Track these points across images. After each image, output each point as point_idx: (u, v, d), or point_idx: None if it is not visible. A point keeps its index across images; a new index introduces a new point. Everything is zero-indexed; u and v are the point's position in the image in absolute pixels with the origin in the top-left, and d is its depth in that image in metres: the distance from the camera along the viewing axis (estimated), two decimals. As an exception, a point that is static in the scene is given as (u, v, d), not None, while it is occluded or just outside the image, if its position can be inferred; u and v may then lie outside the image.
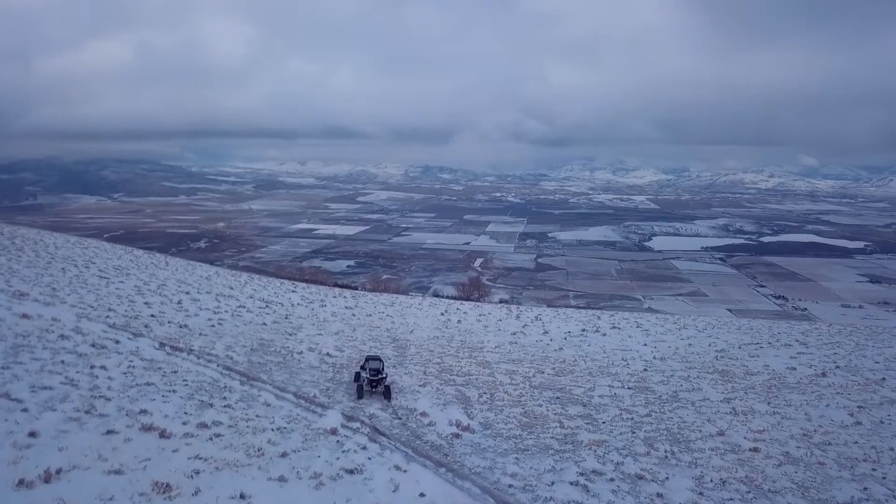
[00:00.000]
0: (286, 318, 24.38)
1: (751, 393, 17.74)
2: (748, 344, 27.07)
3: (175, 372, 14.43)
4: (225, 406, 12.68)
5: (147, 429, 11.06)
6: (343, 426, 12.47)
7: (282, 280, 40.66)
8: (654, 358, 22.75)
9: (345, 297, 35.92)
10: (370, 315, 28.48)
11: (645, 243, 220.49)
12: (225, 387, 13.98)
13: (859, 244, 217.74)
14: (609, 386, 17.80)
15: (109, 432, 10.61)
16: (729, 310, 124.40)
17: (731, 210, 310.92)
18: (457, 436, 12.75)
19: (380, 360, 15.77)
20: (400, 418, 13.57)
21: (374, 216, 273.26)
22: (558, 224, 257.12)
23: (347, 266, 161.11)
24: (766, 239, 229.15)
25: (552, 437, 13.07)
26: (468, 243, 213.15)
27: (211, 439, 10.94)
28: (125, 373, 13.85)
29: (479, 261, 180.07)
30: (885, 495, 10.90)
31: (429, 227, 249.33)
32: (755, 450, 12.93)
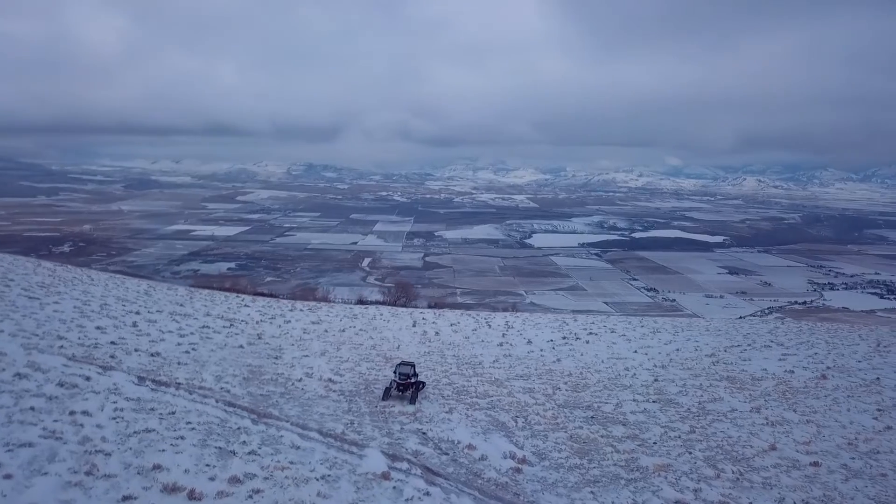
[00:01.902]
0: (259, 338, 22.54)
1: (770, 401, 18.07)
2: (731, 346, 27.94)
3: (172, 413, 12.70)
4: (249, 453, 11.23)
5: (170, 490, 9.60)
6: (391, 468, 11.37)
7: (226, 294, 38.06)
8: (655, 366, 22.89)
9: (301, 310, 34.02)
10: (343, 330, 27.00)
11: (526, 241, 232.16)
12: (238, 428, 12.44)
13: (719, 238, 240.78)
14: (633, 401, 17.57)
15: (126, 499, 9.11)
16: (605, 303, 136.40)
17: (605, 208, 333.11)
18: (517, 470, 11.96)
19: (412, 365, 16.39)
20: (447, 453, 12.59)
21: (256, 216, 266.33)
22: (444, 223, 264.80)
23: (228, 269, 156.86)
24: (637, 235, 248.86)
25: (614, 465, 12.56)
26: (355, 243, 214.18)
27: (251, 497, 9.65)
28: (114, 418, 12.04)
29: (367, 260, 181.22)
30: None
31: (314, 226, 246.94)
32: (815, 464, 13.00)
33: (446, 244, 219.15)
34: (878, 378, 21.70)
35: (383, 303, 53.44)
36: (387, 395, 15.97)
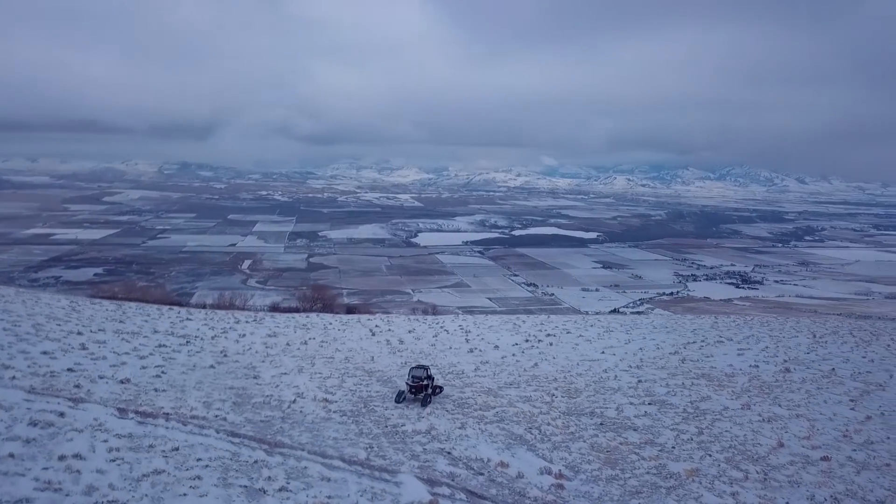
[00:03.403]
0: (224, 355, 21.04)
1: (754, 397, 19.02)
2: (688, 343, 29.28)
3: (175, 449, 11.49)
4: (280, 490, 10.37)
5: (211, 541, 8.58)
6: (433, 493, 10.86)
7: (159, 306, 35.44)
8: (631, 367, 23.52)
9: (247, 321, 32.25)
10: (305, 343, 25.79)
11: (412, 240, 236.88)
12: (255, 461, 11.44)
13: (593, 235, 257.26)
14: (630, 404, 17.92)
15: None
16: (489, 298, 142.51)
17: (487, 207, 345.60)
18: (559, 486, 11.79)
19: (425, 368, 17.18)
20: (481, 473, 12.20)
21: (125, 218, 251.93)
22: (328, 222, 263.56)
23: (95, 274, 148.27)
24: (517, 232, 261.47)
25: (647, 472, 12.69)
26: (234, 244, 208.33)
27: (302, 541, 8.79)
28: (112, 460, 10.73)
29: (247, 262, 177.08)
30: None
31: (189, 228, 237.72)
32: (826, 458, 13.76)
33: (331, 244, 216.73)
34: (833, 369, 23.45)
35: (298, 309, 51.16)
36: (400, 398, 16.76)
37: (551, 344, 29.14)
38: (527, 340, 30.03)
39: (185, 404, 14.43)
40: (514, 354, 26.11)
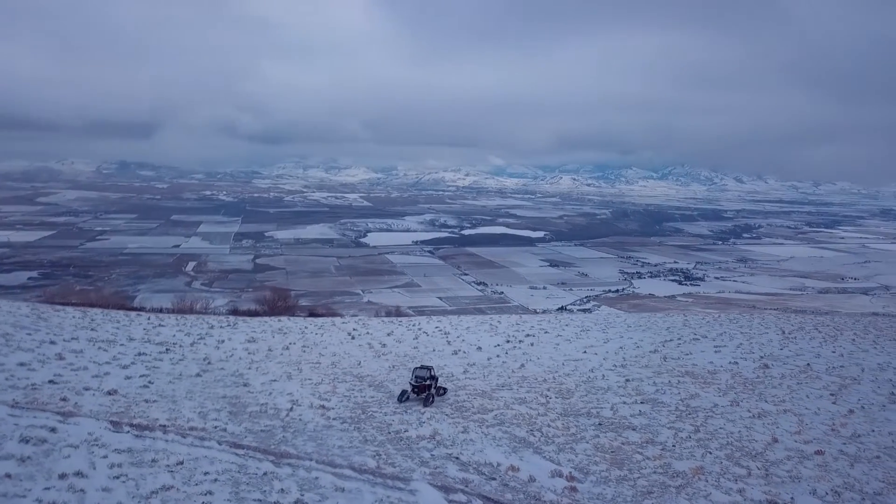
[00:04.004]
0: (208, 363, 20.44)
1: (740, 393, 19.53)
2: (666, 341, 29.88)
3: (180, 463, 11.09)
4: (296, 503, 10.06)
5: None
6: (449, 501, 10.76)
7: (126, 312, 34.26)
8: (615, 366, 23.87)
9: (221, 327, 31.45)
10: (286, 348, 25.28)
11: (361, 240, 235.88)
12: (264, 473, 11.13)
13: (540, 234, 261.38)
14: (623, 403, 18.18)
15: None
16: (439, 298, 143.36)
17: (436, 206, 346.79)
18: (572, 489, 11.85)
19: (428, 368, 17.66)
20: (493, 478, 12.16)
21: (61, 219, 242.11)
22: (275, 223, 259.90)
23: (29, 278, 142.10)
24: (466, 231, 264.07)
25: (654, 472, 12.88)
26: (178, 246, 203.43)
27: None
28: (116, 476, 10.29)
29: (191, 264, 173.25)
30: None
31: (130, 229, 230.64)
32: (820, 452, 14.23)
33: (278, 245, 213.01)
34: (808, 364, 24.28)
35: (257, 312, 50.00)
36: (403, 397, 17.24)
37: (532, 344, 29.31)
38: (508, 341, 30.14)
39: (179, 415, 13.95)
40: (498, 356, 26.16)
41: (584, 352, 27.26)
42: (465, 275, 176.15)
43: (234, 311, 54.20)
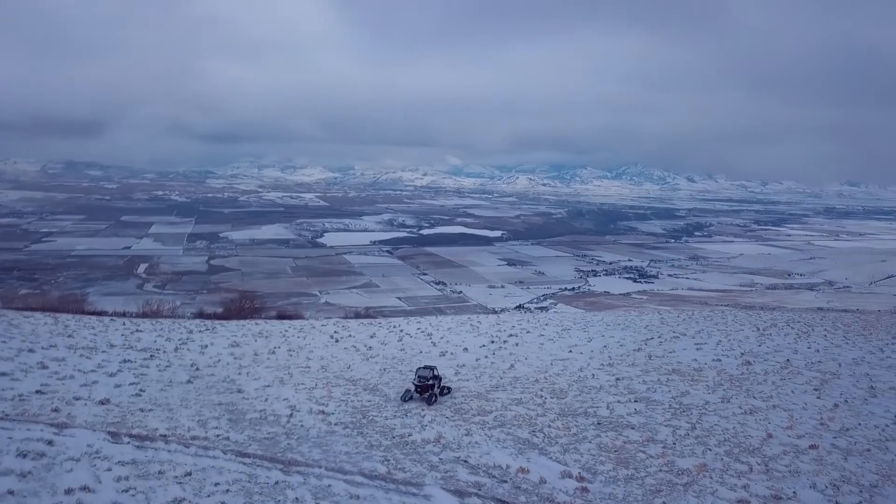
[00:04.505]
0: (196, 369, 19.95)
1: (728, 390, 19.98)
2: (648, 339, 30.39)
3: (188, 474, 10.79)
4: (313, 511, 9.90)
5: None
6: (466, 505, 10.71)
7: (99, 317, 33.23)
8: (603, 365, 24.15)
9: (200, 331, 30.76)
10: (272, 352, 24.84)
11: (318, 240, 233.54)
12: (275, 482, 10.91)
13: (498, 233, 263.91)
14: (618, 402, 18.39)
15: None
16: (398, 298, 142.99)
17: (394, 206, 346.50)
18: (584, 490, 11.94)
19: (431, 368, 18.00)
20: (505, 480, 12.17)
21: (4, 220, 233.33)
22: (230, 223, 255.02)
23: None
24: (425, 231, 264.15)
25: (659, 470, 13.07)
26: (129, 247, 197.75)
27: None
28: (125, 490, 9.96)
29: (143, 266, 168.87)
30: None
31: (78, 230, 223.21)
32: (814, 447, 14.65)
33: (233, 246, 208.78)
34: (787, 360, 24.99)
35: (225, 315, 48.92)
36: (406, 397, 17.55)
37: (516, 344, 29.44)
38: (492, 342, 30.22)
39: (179, 424, 13.57)
40: (486, 356, 26.20)
41: (570, 351, 27.51)
42: (424, 274, 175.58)
43: (201, 314, 52.88)
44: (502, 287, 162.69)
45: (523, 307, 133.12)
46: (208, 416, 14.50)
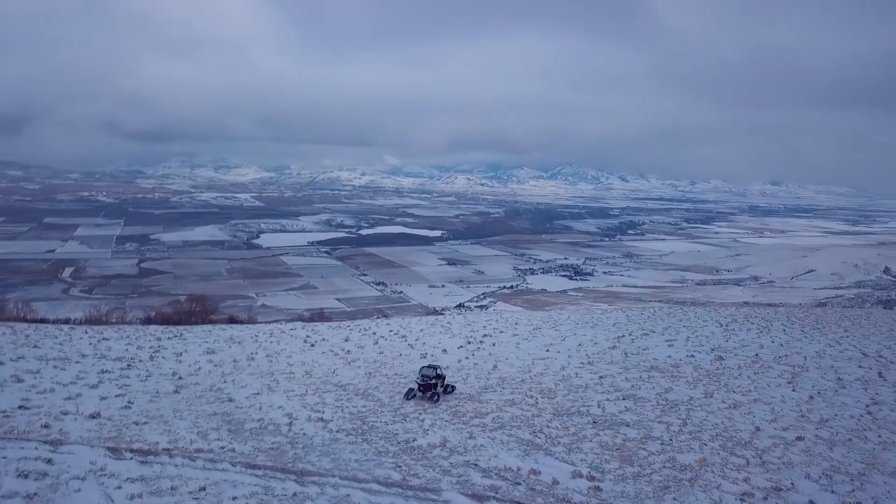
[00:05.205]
0: (178, 378, 19.26)
1: (709, 385, 20.68)
2: (620, 337, 31.08)
3: (203, 489, 10.45)
4: (338, 522, 9.75)
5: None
6: (487, 509, 10.75)
7: (59, 325, 31.71)
8: (583, 363, 24.58)
9: (169, 338, 29.73)
10: (251, 359, 24.17)
11: (253, 241, 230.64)
12: (293, 494, 10.69)
13: (437, 233, 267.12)
14: (607, 400, 18.76)
15: None
16: (338, 299, 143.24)
17: (332, 206, 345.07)
18: (597, 489, 12.15)
19: (434, 368, 18.47)
20: (519, 482, 12.26)
21: None
22: (161, 225, 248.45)
23: None
24: (364, 231, 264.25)
25: (663, 467, 13.43)
26: (53, 251, 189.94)
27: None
28: (139, 509, 9.51)
29: (68, 270, 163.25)
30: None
31: None
32: (800, 438, 15.33)
33: (165, 248, 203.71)
34: (756, 355, 26.01)
35: (175, 320, 47.35)
36: (410, 395, 18.11)
37: (493, 344, 29.63)
38: (469, 342, 30.32)
39: (178, 436, 13.10)
40: (466, 358, 26.26)
41: (547, 350, 27.85)
42: (364, 275, 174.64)
43: (149, 320, 50.74)
44: (443, 286, 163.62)
45: (464, 306, 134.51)
46: (207, 428, 14.04)
